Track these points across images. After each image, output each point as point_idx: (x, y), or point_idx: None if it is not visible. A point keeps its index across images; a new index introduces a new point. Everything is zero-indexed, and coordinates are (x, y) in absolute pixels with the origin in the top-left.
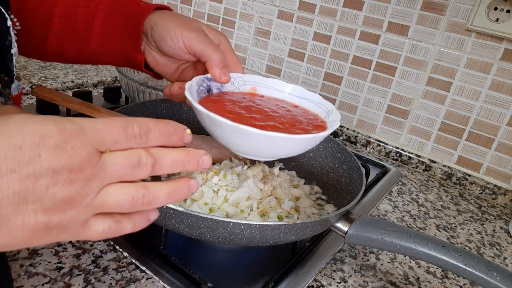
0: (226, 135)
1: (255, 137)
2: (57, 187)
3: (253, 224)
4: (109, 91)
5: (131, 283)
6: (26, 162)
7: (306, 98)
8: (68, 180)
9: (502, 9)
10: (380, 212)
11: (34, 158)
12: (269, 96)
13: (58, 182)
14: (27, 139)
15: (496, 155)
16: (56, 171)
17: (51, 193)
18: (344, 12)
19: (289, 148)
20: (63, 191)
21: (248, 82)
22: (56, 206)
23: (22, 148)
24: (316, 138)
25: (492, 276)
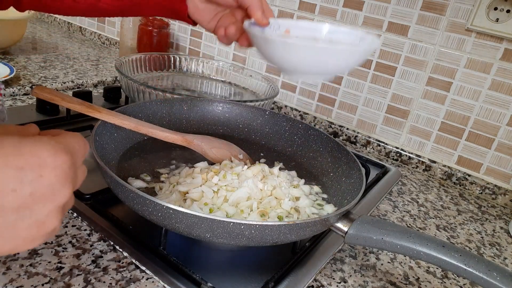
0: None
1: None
2: (54, 203)
3: (253, 224)
4: (109, 91)
5: (131, 283)
6: (27, 182)
7: (338, 32)
8: (63, 196)
9: (502, 9)
10: (380, 212)
11: (35, 178)
12: (303, 35)
13: (55, 199)
14: (27, 160)
15: (496, 155)
16: (55, 190)
17: (47, 208)
18: (344, 12)
19: (336, 60)
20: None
21: (282, 25)
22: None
23: (23, 169)
24: (358, 49)
25: (492, 276)
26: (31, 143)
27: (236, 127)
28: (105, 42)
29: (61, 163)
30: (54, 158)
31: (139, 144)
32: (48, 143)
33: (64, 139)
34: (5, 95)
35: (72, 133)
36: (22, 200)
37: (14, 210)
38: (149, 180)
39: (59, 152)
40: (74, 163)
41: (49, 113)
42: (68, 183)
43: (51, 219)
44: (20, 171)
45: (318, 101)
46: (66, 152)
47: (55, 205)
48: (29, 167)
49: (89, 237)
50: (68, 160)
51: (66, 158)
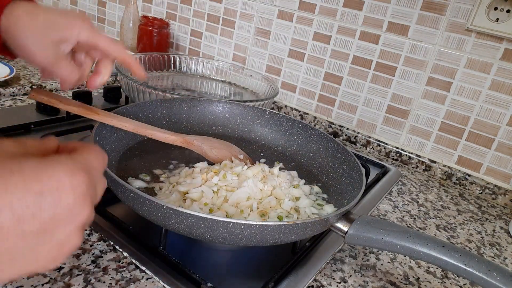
0: None
1: None
2: (73, 224)
3: (253, 224)
4: (109, 91)
5: (131, 283)
6: (46, 207)
7: None
8: (83, 216)
9: (502, 9)
10: (380, 212)
11: (54, 202)
12: None
13: (74, 220)
14: (46, 185)
15: (496, 155)
16: (74, 211)
17: (67, 229)
18: (344, 12)
19: None
20: (77, 224)
21: None
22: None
23: (42, 194)
24: None
25: (492, 276)
26: (49, 166)
27: (236, 127)
28: None
29: (79, 183)
30: (72, 180)
31: (139, 144)
32: (66, 164)
33: (81, 156)
34: (4, 95)
35: (89, 148)
36: (42, 224)
37: (35, 235)
38: (148, 180)
39: (77, 173)
40: (92, 180)
41: (49, 113)
42: (87, 203)
43: (72, 239)
44: (40, 196)
45: (318, 101)
46: (84, 171)
47: (75, 225)
48: (48, 191)
49: (89, 237)
50: (86, 179)
51: (84, 177)
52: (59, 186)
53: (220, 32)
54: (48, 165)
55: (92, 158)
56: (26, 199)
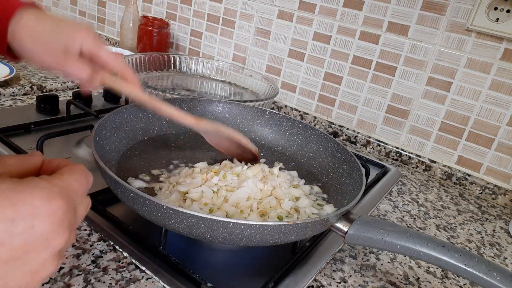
0: None
1: None
2: (48, 251)
3: (253, 224)
4: (109, 91)
5: (131, 283)
6: (18, 233)
7: None
8: (58, 242)
9: (502, 9)
10: (380, 212)
11: (27, 229)
12: None
13: (49, 247)
14: (19, 211)
15: (496, 155)
16: (49, 238)
17: (41, 257)
18: (344, 12)
19: None
20: (52, 251)
21: None
22: (44, 260)
23: (14, 220)
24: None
25: (492, 276)
26: (24, 190)
27: (236, 127)
28: (105, 42)
29: (55, 209)
30: (48, 205)
31: (139, 144)
32: (42, 188)
33: (61, 180)
34: (4, 95)
35: (72, 169)
36: (13, 252)
37: (4, 263)
38: (148, 180)
39: (54, 198)
40: (70, 205)
41: (49, 113)
42: (63, 229)
43: (46, 266)
44: (11, 223)
45: (318, 101)
46: (62, 196)
47: (49, 252)
48: (21, 217)
49: (89, 237)
50: (63, 204)
51: (61, 203)
52: (34, 212)
53: (220, 32)
54: (23, 189)
55: (73, 180)
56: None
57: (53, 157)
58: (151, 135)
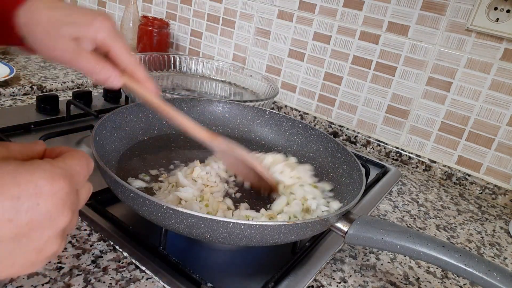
0: None
1: None
2: (52, 229)
3: (253, 224)
4: (109, 91)
5: (131, 283)
6: (23, 211)
7: None
8: (61, 222)
9: (502, 9)
10: (380, 212)
11: (31, 207)
12: None
13: (53, 226)
14: (23, 190)
15: (496, 155)
16: (52, 217)
17: (45, 235)
18: (344, 12)
19: None
20: (56, 230)
21: None
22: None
23: (20, 198)
24: None
25: (492, 276)
26: (28, 170)
27: (236, 127)
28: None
29: (58, 189)
30: (51, 186)
31: (139, 144)
32: (45, 170)
33: (63, 162)
34: (4, 95)
35: (73, 153)
36: (19, 229)
37: (11, 240)
38: (148, 180)
39: (56, 179)
40: (72, 188)
41: (49, 113)
42: (66, 209)
43: (50, 245)
44: (17, 201)
45: (318, 101)
46: (64, 177)
47: (53, 231)
48: (26, 196)
49: (89, 237)
50: (66, 186)
51: (63, 184)
52: (37, 192)
53: (220, 32)
54: (27, 170)
55: (75, 164)
56: (2, 204)
57: None
58: (151, 135)
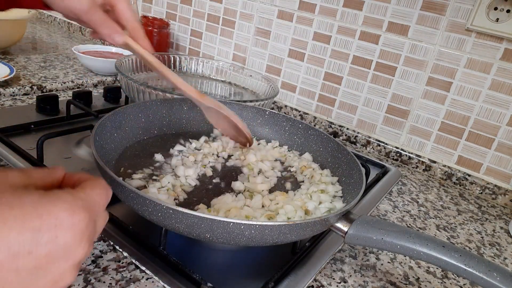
0: None
1: None
2: (69, 261)
3: (253, 224)
4: (109, 91)
5: (131, 283)
6: (43, 243)
7: None
8: (79, 254)
9: (502, 9)
10: (380, 212)
11: (51, 239)
12: None
13: (70, 258)
14: (45, 222)
15: (496, 155)
16: (71, 249)
17: (62, 267)
18: (344, 12)
19: None
20: (72, 262)
21: None
22: (64, 269)
23: (40, 231)
24: None
25: (492, 276)
26: (50, 202)
27: None
28: (105, 42)
29: (77, 221)
30: (72, 218)
31: (138, 144)
32: (66, 201)
33: (84, 192)
34: (4, 95)
35: (93, 183)
36: (37, 261)
37: (29, 271)
38: (148, 180)
39: (77, 211)
40: (91, 219)
41: (49, 113)
42: (84, 241)
43: (66, 276)
44: (37, 233)
45: (318, 101)
46: (84, 209)
47: (70, 263)
48: (46, 228)
49: None
50: (85, 217)
51: (83, 215)
52: (58, 224)
53: (220, 32)
54: (49, 201)
55: (95, 194)
56: (24, 235)
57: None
58: (151, 135)
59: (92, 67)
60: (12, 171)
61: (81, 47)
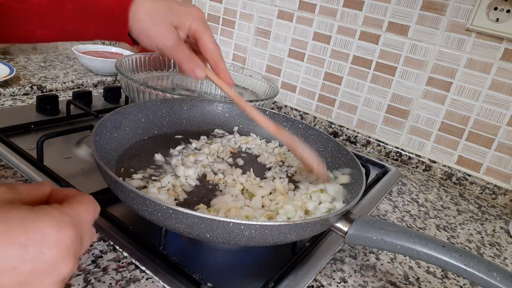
0: None
1: None
2: (53, 277)
3: (253, 224)
4: (109, 91)
5: (131, 283)
6: (28, 259)
7: None
8: (64, 271)
9: (502, 9)
10: (380, 212)
11: (36, 255)
12: None
13: (55, 274)
14: (31, 238)
15: (496, 155)
16: (56, 266)
17: (46, 283)
18: (344, 12)
19: None
20: (57, 279)
21: None
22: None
23: (26, 246)
24: None
25: (492, 276)
26: (37, 217)
27: (236, 127)
28: (105, 42)
29: (64, 238)
30: (58, 234)
31: (138, 144)
32: (53, 217)
33: (70, 208)
34: (4, 95)
35: (81, 199)
36: (21, 277)
37: (12, 287)
38: (147, 180)
39: (64, 227)
40: (78, 235)
41: (49, 113)
42: (69, 258)
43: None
44: (23, 249)
45: (318, 101)
46: (71, 225)
47: (55, 279)
48: (32, 244)
49: None
50: (72, 233)
51: (69, 232)
52: (44, 239)
53: (220, 32)
54: (36, 217)
55: (83, 210)
56: (8, 251)
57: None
58: (151, 135)
59: (92, 67)
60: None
61: (81, 47)
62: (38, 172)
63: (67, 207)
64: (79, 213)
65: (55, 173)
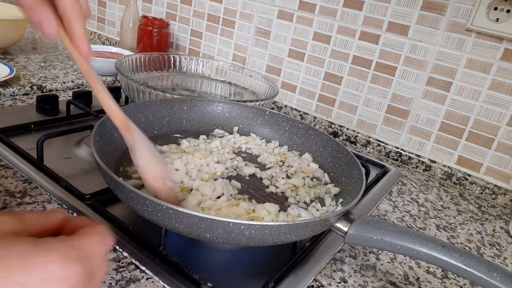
0: None
1: None
2: None
3: (253, 224)
4: (109, 91)
5: (131, 283)
6: None
7: None
8: None
9: (502, 9)
10: (380, 212)
11: None
12: None
13: None
14: (32, 276)
15: (496, 155)
16: None
17: None
18: (344, 12)
19: None
20: None
21: None
22: None
23: (26, 285)
24: None
25: (492, 276)
26: (39, 252)
27: (236, 127)
28: (105, 42)
29: (70, 275)
30: (63, 270)
31: None
32: (58, 251)
33: (78, 241)
34: (4, 95)
35: (91, 230)
36: None
37: None
38: None
39: (70, 262)
40: (86, 271)
41: (49, 113)
42: None
43: None
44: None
45: (318, 101)
46: (78, 260)
47: None
48: (33, 282)
49: None
50: (79, 270)
51: (77, 268)
52: (47, 277)
53: (220, 32)
54: (39, 251)
55: (92, 243)
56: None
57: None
58: (151, 135)
59: None
60: (4, 216)
61: None
62: (38, 172)
63: (74, 240)
64: (87, 246)
65: (55, 173)
